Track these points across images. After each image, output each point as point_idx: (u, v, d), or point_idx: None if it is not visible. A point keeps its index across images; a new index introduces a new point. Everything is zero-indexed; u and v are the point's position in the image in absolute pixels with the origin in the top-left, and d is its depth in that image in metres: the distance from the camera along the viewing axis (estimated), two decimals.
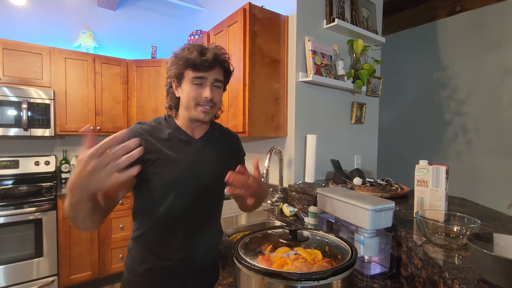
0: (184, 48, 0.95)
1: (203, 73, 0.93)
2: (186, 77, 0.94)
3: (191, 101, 0.94)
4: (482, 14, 2.55)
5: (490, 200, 2.45)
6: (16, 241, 2.21)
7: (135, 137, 0.84)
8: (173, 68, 0.95)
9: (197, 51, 0.92)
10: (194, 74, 0.92)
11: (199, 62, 0.91)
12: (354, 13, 2.06)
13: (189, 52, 0.92)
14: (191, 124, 1.00)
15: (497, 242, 0.65)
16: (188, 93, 0.94)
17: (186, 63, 0.92)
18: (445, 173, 0.99)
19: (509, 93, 2.40)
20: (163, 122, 1.01)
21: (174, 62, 0.95)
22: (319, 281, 0.58)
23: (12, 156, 2.66)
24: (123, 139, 0.78)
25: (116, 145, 0.64)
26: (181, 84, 0.96)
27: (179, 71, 0.94)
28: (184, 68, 0.93)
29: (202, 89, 0.94)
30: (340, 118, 2.11)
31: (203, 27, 2.98)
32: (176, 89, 0.98)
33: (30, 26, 2.79)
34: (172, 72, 0.96)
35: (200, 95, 0.94)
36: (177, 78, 0.95)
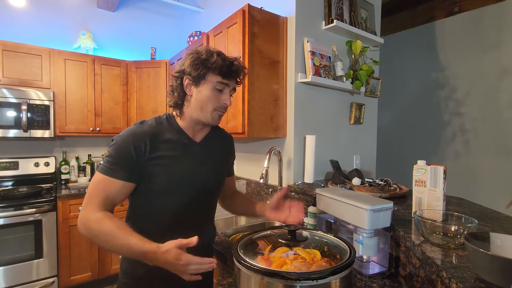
0: (214, 51, 0.95)
1: (227, 80, 0.95)
2: (210, 80, 0.93)
3: (209, 105, 0.95)
4: (480, 14, 2.56)
5: (489, 199, 2.46)
6: (16, 242, 2.21)
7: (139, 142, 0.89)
8: (195, 66, 0.92)
9: (228, 61, 0.94)
10: (221, 80, 0.94)
11: (228, 71, 0.94)
12: (352, 14, 2.07)
13: (221, 58, 0.93)
14: (195, 127, 1.00)
15: (493, 241, 0.66)
16: (209, 96, 0.94)
17: (218, 67, 0.92)
18: (443, 173, 1.00)
19: (507, 93, 2.41)
20: (165, 123, 0.99)
21: (197, 61, 0.93)
22: (317, 280, 0.58)
23: (12, 157, 2.66)
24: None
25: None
26: (200, 84, 0.95)
27: (203, 72, 0.93)
28: (211, 71, 0.93)
29: (222, 95, 0.96)
30: (339, 118, 2.12)
31: (202, 28, 2.99)
32: (189, 87, 0.96)
33: (29, 27, 2.79)
34: (192, 70, 0.93)
35: (220, 100, 0.96)
36: (195, 78, 0.93)
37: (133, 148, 0.88)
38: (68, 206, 2.42)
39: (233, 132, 1.81)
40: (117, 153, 0.88)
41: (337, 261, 0.70)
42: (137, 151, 0.88)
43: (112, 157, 0.88)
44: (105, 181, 0.87)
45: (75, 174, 2.87)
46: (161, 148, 0.93)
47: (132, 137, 0.89)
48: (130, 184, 0.90)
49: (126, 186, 0.89)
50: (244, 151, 2.37)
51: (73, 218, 2.43)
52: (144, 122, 0.97)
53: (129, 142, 0.88)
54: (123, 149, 0.88)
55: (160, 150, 0.92)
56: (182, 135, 0.99)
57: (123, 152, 0.88)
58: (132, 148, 0.88)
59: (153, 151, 0.91)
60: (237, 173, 2.45)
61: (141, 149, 0.89)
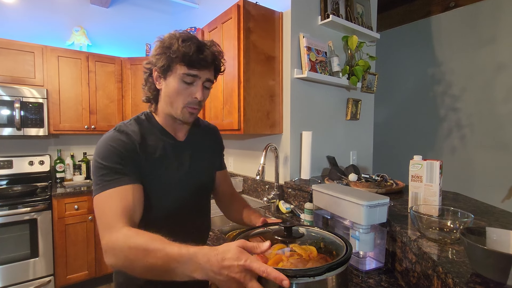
0: (177, 37, 0.82)
1: (196, 71, 0.83)
2: (176, 72, 0.83)
3: (178, 100, 0.85)
4: (476, 9, 2.56)
5: (484, 194, 2.48)
6: (12, 241, 2.19)
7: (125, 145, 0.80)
8: (160, 57, 0.83)
9: (194, 46, 0.81)
10: (187, 71, 0.82)
11: (196, 60, 0.82)
12: (348, 9, 2.05)
13: (185, 45, 0.81)
14: (174, 123, 0.92)
15: (489, 236, 0.65)
16: (176, 90, 0.84)
17: (180, 57, 0.81)
18: (439, 168, 0.99)
19: (503, 88, 2.41)
20: (146, 123, 0.90)
21: (162, 50, 0.83)
22: (314, 277, 0.58)
23: (5, 156, 2.63)
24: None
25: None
26: (167, 76, 0.85)
27: (168, 62, 0.82)
28: (176, 61, 0.82)
29: (192, 88, 0.85)
30: (335, 114, 2.12)
31: (197, 24, 2.96)
32: (158, 79, 0.87)
33: (21, 24, 2.74)
34: (157, 61, 0.84)
35: (189, 95, 0.85)
36: (162, 69, 0.84)
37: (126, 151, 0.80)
38: (64, 204, 2.40)
39: (229, 128, 1.80)
40: (111, 161, 0.78)
41: (333, 257, 0.69)
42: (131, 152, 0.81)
43: (107, 168, 0.77)
44: (115, 193, 0.75)
45: (71, 172, 2.85)
46: (147, 151, 0.85)
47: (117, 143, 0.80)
48: (139, 186, 0.81)
49: (137, 190, 0.79)
50: (240, 147, 2.36)
51: (69, 217, 2.41)
52: (123, 125, 0.86)
53: (118, 147, 0.79)
54: (115, 155, 0.78)
55: (147, 153, 0.85)
56: (166, 135, 0.92)
57: (117, 157, 0.78)
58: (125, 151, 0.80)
59: (143, 154, 0.83)
60: (233, 169, 2.45)
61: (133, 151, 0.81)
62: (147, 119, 0.91)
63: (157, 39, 0.87)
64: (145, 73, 0.90)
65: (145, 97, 0.92)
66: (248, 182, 2.22)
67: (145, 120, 0.91)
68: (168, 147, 0.90)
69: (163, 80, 0.86)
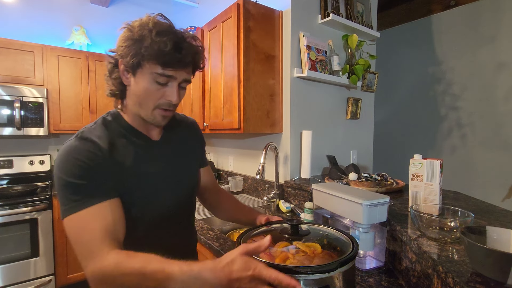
0: (150, 28, 0.69)
1: (172, 72, 0.72)
2: (147, 70, 0.71)
3: (148, 101, 0.74)
4: (476, 8, 2.55)
5: (485, 193, 2.47)
6: (12, 241, 2.19)
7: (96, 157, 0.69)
8: (129, 50, 0.70)
9: (171, 43, 0.69)
10: (161, 71, 0.71)
11: (172, 59, 0.70)
12: (348, 8, 2.05)
13: (160, 41, 0.68)
14: (145, 123, 0.80)
15: (490, 235, 0.65)
16: (147, 90, 0.73)
17: (153, 54, 0.69)
18: (439, 167, 0.99)
19: (503, 87, 2.41)
20: (113, 125, 0.78)
21: (131, 43, 0.70)
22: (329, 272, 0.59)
23: (6, 155, 2.63)
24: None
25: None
26: (136, 73, 0.73)
27: (138, 59, 0.70)
28: (148, 59, 0.70)
29: (166, 89, 0.74)
30: (335, 113, 2.11)
31: (197, 23, 2.95)
32: (125, 74, 0.74)
33: (21, 23, 2.74)
34: (125, 54, 0.71)
35: (163, 97, 0.74)
36: (130, 64, 0.71)
37: (93, 163, 0.69)
38: None
39: (229, 128, 1.80)
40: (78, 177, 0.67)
41: (338, 253, 0.70)
42: (99, 164, 0.69)
43: (74, 185, 0.66)
44: (89, 215, 0.66)
45: None
46: (118, 158, 0.74)
47: (81, 154, 0.69)
48: (117, 200, 0.71)
49: (115, 205, 0.70)
50: (240, 147, 2.36)
51: None
52: (87, 131, 0.74)
53: (83, 159, 0.68)
54: (82, 170, 0.67)
55: (118, 161, 0.74)
56: (137, 136, 0.80)
57: (84, 172, 0.67)
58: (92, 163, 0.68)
59: (113, 161, 0.73)
60: (233, 169, 2.45)
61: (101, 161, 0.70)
62: (114, 120, 0.80)
63: (125, 25, 0.73)
64: (109, 62, 0.77)
65: (109, 91, 0.79)
66: (248, 182, 2.22)
67: (112, 122, 0.79)
68: (142, 149, 0.80)
69: (132, 76, 0.74)
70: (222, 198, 1.09)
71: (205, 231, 1.44)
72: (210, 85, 2.01)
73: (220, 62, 1.86)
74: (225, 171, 2.54)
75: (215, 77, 1.95)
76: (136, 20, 0.73)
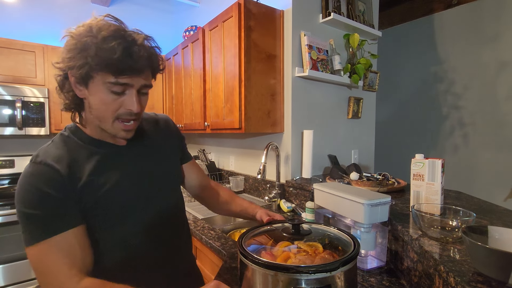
0: (94, 34, 0.63)
1: (128, 79, 0.65)
2: (99, 80, 0.65)
3: (107, 114, 0.68)
4: (478, 7, 2.54)
5: (487, 193, 2.47)
6: (14, 240, 2.20)
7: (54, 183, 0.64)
8: (75, 61, 0.63)
9: (119, 47, 0.62)
10: (115, 80, 0.64)
11: (124, 66, 0.63)
12: (350, 7, 2.04)
13: (107, 47, 0.61)
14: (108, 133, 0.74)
15: (491, 235, 0.65)
16: (103, 101, 0.66)
17: (102, 63, 0.62)
18: (441, 166, 0.99)
19: (505, 86, 2.40)
20: (72, 141, 0.72)
21: (76, 52, 0.63)
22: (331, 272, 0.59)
23: (7, 155, 2.64)
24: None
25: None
26: (88, 85, 0.66)
27: (86, 70, 0.63)
28: (97, 69, 0.63)
29: (124, 97, 0.68)
30: (337, 113, 2.11)
31: (198, 22, 2.95)
32: (77, 87, 0.68)
33: (22, 23, 2.75)
34: (72, 66, 0.64)
35: (121, 106, 0.68)
36: (80, 76, 0.65)
37: (52, 190, 0.63)
38: None
39: (230, 127, 1.80)
40: (37, 207, 0.62)
41: (339, 252, 0.70)
42: (58, 190, 0.64)
43: (33, 216, 0.62)
44: (52, 245, 0.61)
45: None
46: (83, 174, 0.68)
47: (39, 181, 0.63)
48: (82, 228, 0.67)
49: (80, 233, 0.66)
50: (241, 146, 2.36)
51: None
52: (42, 153, 0.68)
53: (41, 187, 0.63)
54: (40, 199, 0.63)
55: (82, 177, 0.68)
56: (100, 146, 0.74)
57: (42, 201, 0.63)
58: (51, 190, 0.63)
59: (76, 182, 0.67)
60: (234, 168, 2.45)
61: (61, 187, 0.65)
62: (73, 134, 0.73)
63: (66, 33, 0.66)
64: (58, 75, 0.69)
65: (63, 106, 0.72)
66: (249, 181, 2.22)
67: (71, 136, 0.73)
68: (107, 158, 0.73)
69: (84, 89, 0.67)
70: (216, 192, 1.05)
71: (206, 231, 1.44)
72: (211, 85, 2.01)
73: (221, 61, 1.86)
74: (226, 171, 2.55)
75: (216, 76, 1.95)
76: (80, 25, 0.66)
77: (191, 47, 2.28)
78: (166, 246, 0.84)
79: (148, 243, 0.78)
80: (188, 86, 2.36)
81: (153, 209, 0.80)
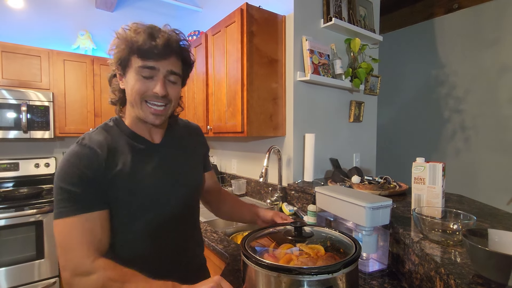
0: (129, 27, 0.75)
1: (153, 62, 0.73)
2: (133, 66, 0.74)
3: (136, 96, 0.75)
4: (479, 11, 2.56)
5: (489, 196, 2.46)
6: (17, 243, 2.21)
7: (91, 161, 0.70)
8: (117, 52, 0.75)
9: (145, 33, 0.72)
10: (142, 63, 0.73)
11: (147, 48, 0.72)
12: (351, 12, 2.06)
13: (135, 33, 0.72)
14: (145, 126, 0.82)
15: (492, 238, 0.66)
16: (133, 85, 0.75)
17: (131, 47, 0.72)
18: (441, 170, 1.00)
19: (507, 90, 2.40)
20: (114, 129, 0.81)
21: (116, 44, 0.75)
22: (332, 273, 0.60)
23: (12, 158, 2.66)
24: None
25: None
26: (126, 73, 0.76)
27: (123, 56, 0.74)
28: (130, 54, 0.74)
29: (151, 82, 0.75)
30: (338, 116, 2.12)
31: (201, 27, 2.98)
32: (121, 78, 0.79)
33: (28, 28, 2.79)
34: (115, 56, 0.76)
35: (148, 89, 0.75)
36: (121, 65, 0.76)
37: (89, 171, 0.70)
38: None
39: (232, 131, 1.81)
40: (72, 184, 0.68)
41: (340, 255, 0.70)
42: (95, 172, 0.71)
43: (67, 192, 0.68)
44: (78, 223, 0.67)
45: None
46: (118, 161, 0.75)
47: (80, 161, 0.70)
48: (106, 212, 0.73)
49: (104, 217, 0.72)
50: (244, 150, 2.37)
51: None
52: (87, 137, 0.76)
53: (80, 167, 0.70)
54: (77, 177, 0.69)
55: (118, 164, 0.75)
56: (137, 139, 0.81)
57: (78, 180, 0.69)
58: (88, 171, 0.70)
59: (112, 168, 0.73)
60: (236, 172, 2.46)
61: (98, 170, 0.71)
62: (116, 125, 0.82)
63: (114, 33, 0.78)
64: (110, 74, 0.83)
65: (110, 100, 0.84)
66: (252, 184, 2.23)
67: (114, 126, 0.81)
68: (142, 153, 0.80)
69: (124, 78, 0.78)
70: (224, 198, 1.12)
71: (209, 234, 1.45)
72: (213, 89, 2.03)
73: (224, 66, 1.89)
74: (229, 174, 2.56)
75: (218, 81, 1.97)
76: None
77: (194, 51, 2.31)
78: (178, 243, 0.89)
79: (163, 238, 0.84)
80: (191, 90, 2.38)
81: (172, 207, 0.85)
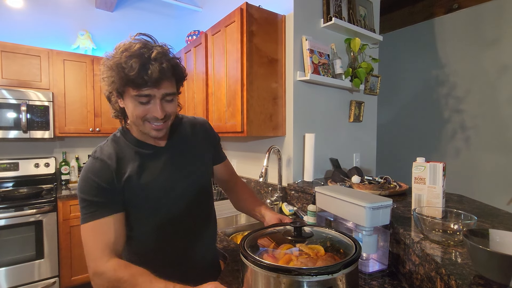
0: (119, 57, 0.75)
1: (149, 91, 0.77)
2: (129, 94, 0.78)
3: (137, 119, 0.81)
4: (479, 11, 2.55)
5: (489, 196, 2.46)
6: (17, 243, 2.21)
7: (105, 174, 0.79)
8: (109, 80, 0.79)
9: (137, 65, 0.73)
10: (137, 93, 0.77)
11: (141, 80, 0.74)
12: (351, 12, 2.06)
13: (127, 66, 0.74)
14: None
15: (492, 238, 0.65)
16: (132, 111, 0.80)
17: (125, 80, 0.75)
18: (442, 170, 0.99)
19: (507, 89, 2.40)
20: (122, 139, 0.88)
21: (109, 73, 0.78)
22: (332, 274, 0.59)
23: (12, 158, 2.66)
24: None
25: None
26: (124, 98, 0.81)
27: (117, 87, 0.78)
28: (124, 85, 0.77)
29: (149, 106, 0.79)
30: (338, 116, 2.12)
31: (200, 27, 2.98)
32: (117, 99, 0.84)
33: (28, 28, 2.79)
34: (108, 85, 0.80)
35: (147, 112, 0.80)
36: (117, 93, 0.81)
37: (102, 182, 0.79)
38: (69, 206, 2.42)
39: (232, 131, 1.81)
40: (90, 194, 0.78)
41: (340, 255, 0.70)
42: (107, 182, 0.80)
43: (86, 201, 0.78)
44: (95, 227, 0.77)
45: (75, 174, 2.87)
46: (127, 169, 0.83)
47: (94, 173, 0.80)
48: (121, 215, 0.82)
49: (119, 219, 0.81)
50: (243, 150, 2.37)
51: (74, 219, 2.43)
52: (99, 150, 0.85)
53: (95, 179, 0.79)
54: (93, 188, 0.79)
55: (127, 172, 0.83)
56: (143, 146, 0.88)
57: (94, 190, 0.79)
58: (101, 182, 0.79)
59: (122, 176, 0.82)
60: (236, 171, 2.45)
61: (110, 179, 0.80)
62: (123, 135, 0.89)
63: (104, 55, 0.80)
64: (106, 90, 0.84)
65: (112, 114, 0.89)
66: (251, 184, 2.22)
67: (121, 137, 0.89)
68: (149, 157, 0.87)
69: (122, 101, 0.83)
70: (239, 191, 1.17)
71: None
72: (213, 89, 2.03)
73: (224, 66, 1.88)
74: None
75: (218, 80, 1.97)
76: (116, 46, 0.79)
77: (193, 51, 2.30)
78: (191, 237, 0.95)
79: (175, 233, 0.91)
80: (191, 89, 2.38)
81: (184, 204, 0.92)
